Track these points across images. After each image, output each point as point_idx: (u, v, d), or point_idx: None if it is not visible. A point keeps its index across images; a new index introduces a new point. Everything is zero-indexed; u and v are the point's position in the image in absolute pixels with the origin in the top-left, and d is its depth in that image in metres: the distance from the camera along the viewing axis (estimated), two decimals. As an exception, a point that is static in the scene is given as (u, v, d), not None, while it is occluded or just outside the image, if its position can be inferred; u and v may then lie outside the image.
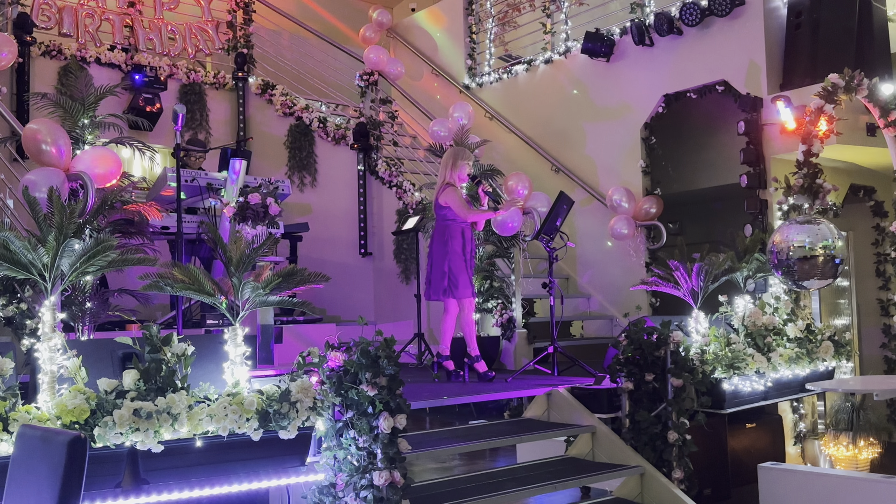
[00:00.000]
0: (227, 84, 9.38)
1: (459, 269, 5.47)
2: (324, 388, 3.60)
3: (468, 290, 5.50)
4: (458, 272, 5.46)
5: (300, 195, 9.15)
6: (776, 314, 5.74)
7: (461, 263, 5.48)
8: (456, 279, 5.44)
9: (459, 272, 5.46)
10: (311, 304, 3.95)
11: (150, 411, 3.14)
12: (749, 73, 6.75)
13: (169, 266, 3.59)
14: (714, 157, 7.10)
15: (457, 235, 5.51)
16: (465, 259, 5.50)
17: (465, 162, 5.59)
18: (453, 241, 5.49)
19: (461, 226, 5.54)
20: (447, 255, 5.46)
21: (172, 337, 3.38)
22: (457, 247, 5.49)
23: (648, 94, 7.52)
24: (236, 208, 5.80)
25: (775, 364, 5.32)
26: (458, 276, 5.45)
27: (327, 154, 9.25)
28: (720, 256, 5.48)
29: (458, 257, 5.48)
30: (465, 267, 5.50)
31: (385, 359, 3.59)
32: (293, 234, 8.08)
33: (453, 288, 5.44)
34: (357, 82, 9.19)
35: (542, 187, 7.49)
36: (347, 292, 8.71)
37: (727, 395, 4.97)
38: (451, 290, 5.44)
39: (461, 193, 5.58)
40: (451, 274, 5.44)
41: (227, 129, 9.33)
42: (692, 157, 7.31)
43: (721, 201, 7.08)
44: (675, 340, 4.71)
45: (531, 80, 8.85)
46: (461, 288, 5.46)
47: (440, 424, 6.14)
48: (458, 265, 5.47)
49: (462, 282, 5.46)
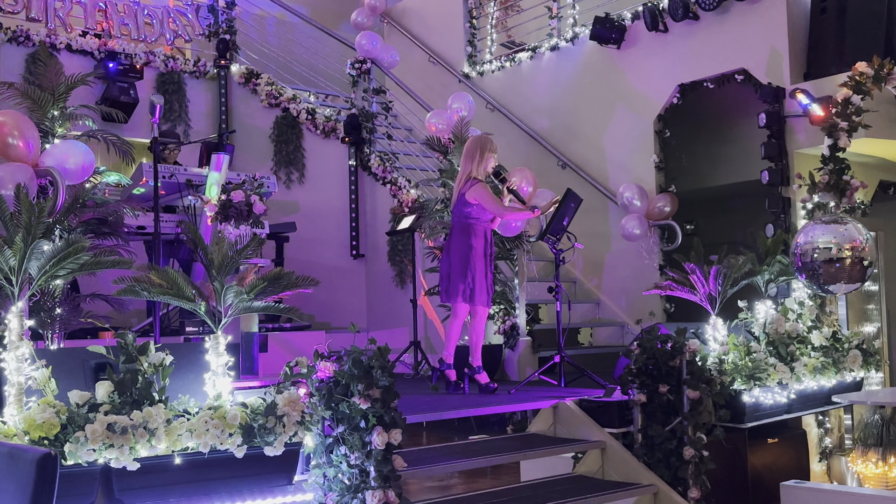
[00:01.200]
0: (208, 73, 9.38)
1: (480, 273, 5.44)
2: (312, 401, 3.59)
3: (484, 296, 5.48)
4: (480, 276, 5.44)
5: (287, 192, 9.15)
6: (800, 321, 5.75)
7: (483, 267, 5.46)
8: (475, 283, 5.42)
9: (480, 276, 5.44)
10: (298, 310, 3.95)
11: (125, 426, 3.13)
12: (770, 61, 6.76)
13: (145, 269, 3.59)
14: (733, 151, 7.11)
15: (480, 235, 5.48)
16: (486, 262, 5.49)
17: (492, 154, 5.52)
18: (477, 241, 5.45)
19: (484, 226, 5.51)
20: (472, 256, 5.42)
21: (149, 345, 3.38)
22: (480, 248, 5.46)
23: (662, 83, 7.53)
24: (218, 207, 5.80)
25: (799, 375, 5.33)
26: (477, 280, 5.43)
27: (316, 148, 9.25)
28: (740, 259, 5.48)
29: (481, 260, 5.46)
30: (486, 271, 5.48)
31: (379, 369, 3.59)
32: (279, 235, 8.08)
33: (472, 293, 5.41)
34: (348, 71, 9.20)
35: (547, 184, 7.50)
36: (338, 297, 8.71)
37: (747, 408, 4.97)
38: (471, 295, 5.41)
39: (490, 189, 5.53)
40: (474, 277, 5.41)
41: (208, 121, 9.32)
42: (709, 151, 7.32)
43: (740, 199, 7.10)
44: (691, 349, 4.71)
45: (536, 69, 8.86)
46: (478, 293, 5.44)
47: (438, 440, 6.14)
48: (480, 268, 5.44)
49: (479, 286, 5.45)
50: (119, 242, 5.17)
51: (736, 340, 5.29)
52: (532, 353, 6.69)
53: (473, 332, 5.59)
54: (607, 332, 7.90)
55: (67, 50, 8.45)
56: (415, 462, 4.14)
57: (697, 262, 5.41)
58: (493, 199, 5.45)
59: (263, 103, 9.36)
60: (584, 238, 7.76)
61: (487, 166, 5.54)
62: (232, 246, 3.67)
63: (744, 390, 4.98)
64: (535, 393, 5.42)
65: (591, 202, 7.93)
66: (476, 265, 5.42)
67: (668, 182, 7.57)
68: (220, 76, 9.38)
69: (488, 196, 5.43)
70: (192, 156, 7.92)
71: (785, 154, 6.62)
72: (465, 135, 7.02)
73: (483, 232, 5.49)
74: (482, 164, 5.51)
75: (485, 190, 5.44)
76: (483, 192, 5.43)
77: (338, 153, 9.08)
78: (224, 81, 9.38)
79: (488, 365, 6.19)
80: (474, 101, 7.80)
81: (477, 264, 5.42)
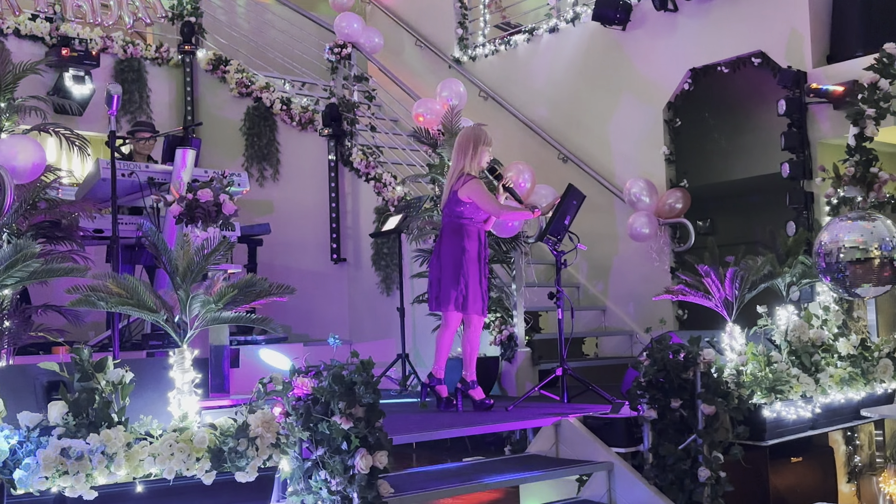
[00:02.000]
0: (172, 59, 9.35)
1: (474, 279, 5.45)
2: (289, 421, 3.59)
3: (479, 303, 5.49)
4: (473, 282, 5.44)
5: (260, 191, 9.13)
6: (825, 327, 5.77)
7: (476, 272, 5.46)
8: (468, 290, 5.42)
9: (474, 282, 5.44)
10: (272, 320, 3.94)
11: (82, 451, 3.12)
12: (790, 42, 6.79)
13: (103, 277, 3.58)
14: (750, 142, 7.13)
15: (474, 237, 5.49)
16: (480, 266, 5.49)
17: (486, 147, 5.52)
18: (470, 243, 5.46)
19: (478, 226, 5.52)
20: (464, 260, 5.42)
21: (107, 361, 3.37)
22: (473, 251, 5.47)
23: (672, 68, 7.56)
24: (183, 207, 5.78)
25: (825, 387, 5.35)
26: (471, 287, 5.43)
27: (292, 141, 9.24)
28: (758, 260, 5.50)
29: (475, 264, 5.47)
30: (480, 277, 5.48)
31: (362, 385, 3.58)
32: (252, 238, 8.05)
33: (465, 300, 5.42)
34: (327, 56, 9.19)
35: (547, 179, 7.51)
36: (317, 306, 8.69)
37: (768, 423, 4.99)
38: (464, 302, 5.42)
39: (486, 187, 5.53)
40: (467, 283, 5.41)
41: (171, 112, 9.29)
42: (724, 142, 7.35)
43: (759, 194, 7.12)
44: (705, 360, 4.72)
45: (533, 53, 8.87)
46: (471, 301, 5.45)
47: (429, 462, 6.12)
48: (473, 273, 5.45)
49: (474, 294, 5.45)
50: (74, 248, 5.14)
51: (755, 350, 5.30)
52: (531, 366, 6.69)
53: (468, 344, 5.59)
54: (614, 341, 7.91)
55: (15, 35, 8.41)
56: (403, 487, 4.13)
57: (712, 264, 5.43)
58: (489, 197, 5.45)
59: (233, 92, 9.33)
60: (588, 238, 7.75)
61: (482, 161, 5.53)
62: (198, 251, 3.66)
63: (764, 404, 4.99)
64: (536, 409, 5.42)
65: (596, 199, 7.93)
66: (469, 270, 5.42)
67: (679, 176, 7.59)
68: (185, 63, 9.36)
69: (483, 194, 5.42)
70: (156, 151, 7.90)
71: (807, 144, 6.65)
72: (455, 126, 7.02)
73: (476, 233, 5.49)
74: (476, 159, 5.50)
75: (479, 187, 5.43)
76: (477, 189, 5.42)
77: (316, 147, 9.07)
78: (189, 69, 9.35)
79: (484, 379, 6.19)
80: (466, 88, 7.80)
81: (470, 269, 5.42)
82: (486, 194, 5.44)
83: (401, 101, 8.98)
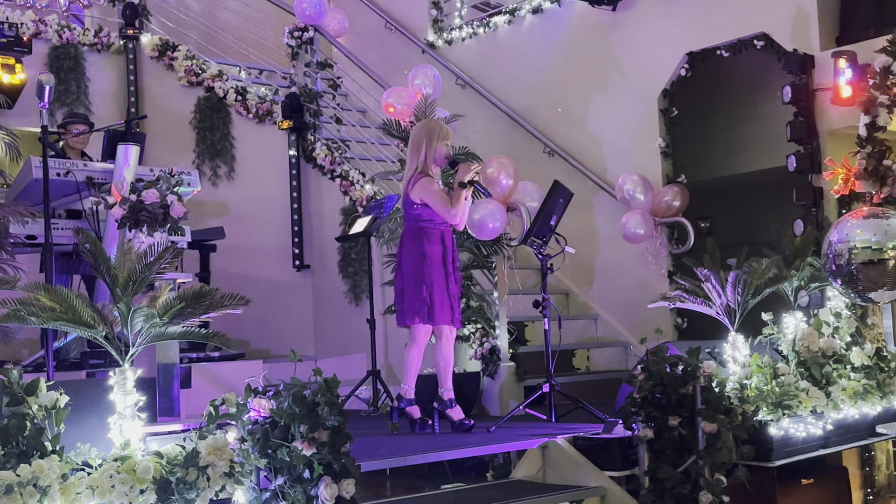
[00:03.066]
0: (113, 45, 9.30)
1: (440, 286, 5.46)
2: (244, 448, 3.57)
3: (447, 313, 5.50)
4: (438, 290, 5.45)
5: (213, 191, 9.09)
6: (836, 336, 5.81)
7: (442, 278, 5.48)
8: (433, 299, 5.44)
9: (439, 290, 5.46)
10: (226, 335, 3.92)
11: (11, 483, 3.09)
12: (796, 23, 6.86)
13: (35, 289, 3.54)
14: (753, 132, 7.19)
15: (436, 241, 5.51)
16: (446, 272, 5.50)
17: (442, 142, 5.57)
18: (432, 247, 5.48)
19: (441, 228, 5.54)
20: (426, 266, 5.45)
21: (39, 383, 3.33)
22: (436, 256, 5.49)
23: (668, 52, 7.61)
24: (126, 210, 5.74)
25: (837, 401, 5.39)
26: (436, 295, 5.44)
27: (248, 135, 9.21)
28: (763, 262, 5.53)
29: (439, 270, 5.48)
30: (447, 283, 5.50)
31: (326, 406, 3.57)
32: (204, 243, 8.02)
33: (430, 310, 5.43)
34: (286, 41, 9.17)
35: (531, 175, 7.52)
36: (278, 318, 8.66)
37: (775, 442, 5.01)
38: (428, 313, 5.44)
39: (439, 185, 5.57)
40: (431, 292, 5.43)
41: (112, 104, 9.24)
42: (725, 133, 7.39)
43: (763, 190, 7.16)
44: (706, 373, 4.75)
45: (516, 36, 8.90)
46: (438, 310, 5.46)
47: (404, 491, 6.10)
48: (438, 280, 5.46)
49: (440, 302, 5.46)
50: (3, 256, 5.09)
51: (760, 361, 5.34)
52: (516, 382, 6.70)
53: (441, 358, 5.60)
54: (606, 353, 7.94)
55: (-64, 19, 8.33)
56: (373, 519, 4.13)
57: (713, 268, 5.46)
58: (440, 197, 5.49)
59: (182, 81, 9.29)
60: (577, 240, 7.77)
61: (439, 156, 5.57)
62: (142, 258, 3.63)
63: (770, 421, 5.02)
64: (521, 430, 5.42)
65: (585, 197, 7.97)
66: (433, 276, 5.45)
67: (676, 171, 7.64)
68: (128, 49, 9.30)
69: (434, 193, 5.47)
70: (94, 147, 7.84)
71: (815, 135, 6.70)
72: (430, 116, 7.03)
73: (439, 236, 5.52)
74: (430, 156, 5.56)
75: (430, 186, 5.49)
76: (428, 188, 5.47)
77: (275, 141, 9.04)
78: (132, 55, 9.30)
79: (463, 397, 6.19)
80: (441, 75, 7.80)
81: (434, 275, 5.45)
82: (437, 194, 5.48)
83: (369, 91, 8.97)
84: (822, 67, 6.59)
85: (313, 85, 9.04)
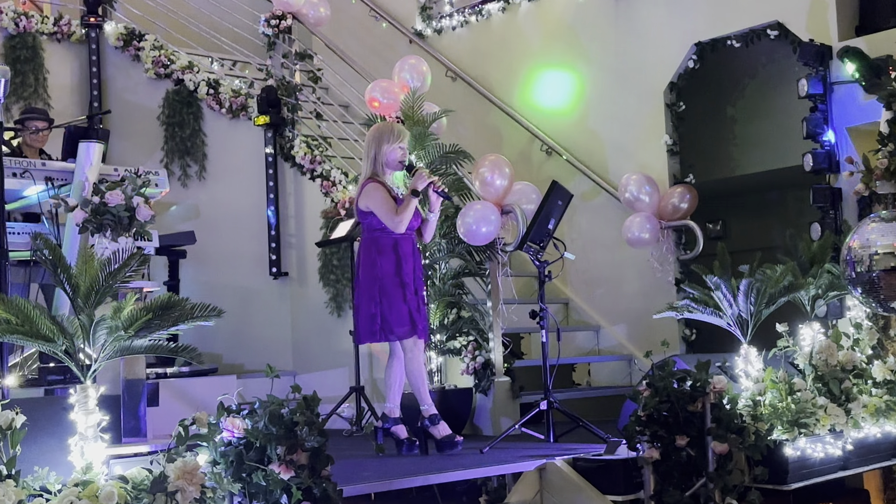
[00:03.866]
0: (75, 34, 9.27)
1: (394, 298, 5.51)
2: (216, 471, 3.56)
3: (405, 327, 5.52)
4: (392, 302, 5.50)
5: (183, 192, 9.07)
6: (857, 348, 5.83)
7: (396, 290, 5.52)
8: (388, 313, 5.48)
9: (393, 302, 5.50)
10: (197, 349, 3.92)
11: (-38, 511, 3.07)
12: (813, 11, 6.89)
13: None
14: (767, 129, 7.21)
15: (387, 250, 5.56)
16: (402, 283, 5.53)
17: (393, 145, 5.62)
18: (384, 258, 5.55)
19: (395, 237, 5.57)
20: (376, 279, 5.53)
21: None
22: (388, 266, 5.54)
23: (674, 42, 7.63)
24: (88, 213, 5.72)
25: (857, 419, 5.40)
26: (391, 309, 5.49)
27: (221, 132, 9.19)
28: (778, 269, 5.55)
29: (392, 280, 5.52)
30: (404, 294, 5.53)
31: (305, 425, 3.57)
32: (173, 249, 8.00)
33: (385, 325, 5.49)
34: (262, 30, 9.16)
35: (528, 175, 7.54)
36: (252, 330, 8.64)
37: (791, 464, 5.02)
38: (382, 329, 5.51)
39: (388, 191, 5.59)
40: (382, 306, 5.49)
41: (74, 97, 9.22)
42: (736, 129, 7.42)
43: (777, 191, 7.21)
44: (716, 388, 4.75)
45: (510, 25, 8.91)
46: (395, 324, 5.50)
47: (389, 517, 6.11)
48: (391, 292, 5.51)
49: (397, 315, 5.50)
50: (-47, 263, 5.07)
51: (774, 376, 5.34)
52: (511, 399, 6.70)
53: (409, 374, 5.65)
54: (609, 368, 7.94)
55: None
56: (356, 548, 4.12)
57: (723, 275, 5.47)
58: (386, 204, 5.53)
59: (149, 73, 9.27)
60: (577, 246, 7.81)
61: (391, 161, 5.62)
62: (105, 265, 3.62)
63: (786, 441, 5.03)
64: (516, 451, 5.42)
65: (585, 198, 7.98)
66: (385, 290, 5.50)
67: (684, 171, 7.64)
68: (90, 38, 9.28)
69: (378, 200, 5.52)
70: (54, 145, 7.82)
71: (834, 132, 6.73)
72: (418, 112, 7.05)
73: (392, 245, 5.56)
74: (380, 160, 5.62)
75: (375, 192, 5.54)
76: (373, 194, 5.54)
77: (250, 138, 9.03)
78: (95, 45, 9.28)
79: (453, 415, 6.20)
80: (430, 67, 7.81)
81: (386, 288, 5.51)
82: (382, 200, 5.52)
83: (352, 84, 8.96)
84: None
85: (292, 77, 9.02)
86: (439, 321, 6.80)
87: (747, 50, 7.27)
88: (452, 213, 6.77)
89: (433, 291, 6.77)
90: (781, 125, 7.09)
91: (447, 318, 6.84)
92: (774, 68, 7.14)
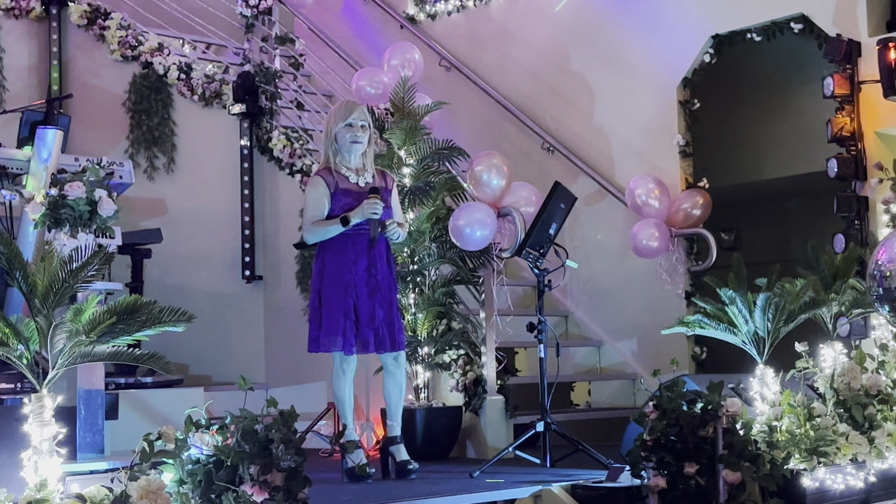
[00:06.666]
0: (34, 10, 9.25)
1: (334, 307, 5.44)
2: (183, 491, 3.56)
3: (350, 340, 5.45)
4: (333, 311, 5.44)
5: (149, 186, 9.06)
6: (882, 371, 5.84)
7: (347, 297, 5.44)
8: (331, 322, 5.44)
9: (333, 311, 5.44)
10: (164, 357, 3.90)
11: None
12: (840, 4, 6.92)
13: (-65, 298, 3.53)
14: (788, 130, 7.23)
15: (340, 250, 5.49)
16: (354, 290, 5.46)
17: (339, 125, 5.52)
18: (337, 261, 5.48)
19: (350, 239, 5.50)
20: (323, 286, 5.50)
21: (-61, 411, 3.31)
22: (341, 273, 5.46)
23: (689, 34, 7.65)
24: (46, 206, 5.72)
25: (881, 448, 5.41)
26: (334, 318, 5.44)
27: (192, 121, 9.18)
28: (797, 283, 5.56)
29: (335, 288, 5.45)
30: (354, 303, 5.46)
31: (281, 443, 3.57)
32: (137, 248, 7.98)
33: (318, 338, 5.48)
34: (240, 10, 9.17)
35: (527, 175, 7.54)
36: (222, 339, 8.63)
37: (809, 495, 5.03)
38: (318, 340, 5.49)
39: (324, 185, 5.51)
40: (321, 317, 5.47)
41: (32, 80, 9.20)
42: (755, 130, 7.44)
43: (798, 199, 7.22)
44: (729, 412, 4.76)
45: (510, 12, 8.92)
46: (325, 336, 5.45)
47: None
48: (333, 301, 5.44)
49: (334, 325, 5.43)
50: None
51: (792, 399, 5.36)
52: (505, 419, 6.70)
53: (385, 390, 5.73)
54: (612, 387, 7.95)
55: None
56: (334, 579, 4.12)
57: (738, 288, 5.48)
58: (311, 203, 5.51)
59: (115, 55, 9.25)
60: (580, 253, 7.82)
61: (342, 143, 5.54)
62: (64, 264, 3.61)
63: (804, 471, 5.04)
64: (510, 476, 5.41)
65: (589, 202, 7.99)
66: (326, 297, 5.47)
67: (697, 174, 7.66)
68: (51, 16, 9.26)
69: (308, 198, 5.54)
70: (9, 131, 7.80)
71: (861, 135, 6.74)
72: (409, 104, 7.05)
73: (348, 246, 5.50)
74: (331, 145, 5.58)
75: (310, 189, 5.56)
76: (307, 191, 5.56)
77: (224, 129, 9.03)
78: (56, 23, 9.26)
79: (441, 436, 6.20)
80: (423, 55, 7.83)
81: (328, 295, 5.46)
82: (310, 200, 5.51)
83: (337, 72, 8.98)
84: (870, 56, 6.64)
85: (271, 63, 9.03)
86: (427, 332, 6.78)
87: (768, 44, 7.30)
88: (444, 214, 6.77)
89: (421, 300, 6.76)
90: (804, 127, 7.11)
91: (436, 329, 6.82)
92: (797, 65, 7.15)
